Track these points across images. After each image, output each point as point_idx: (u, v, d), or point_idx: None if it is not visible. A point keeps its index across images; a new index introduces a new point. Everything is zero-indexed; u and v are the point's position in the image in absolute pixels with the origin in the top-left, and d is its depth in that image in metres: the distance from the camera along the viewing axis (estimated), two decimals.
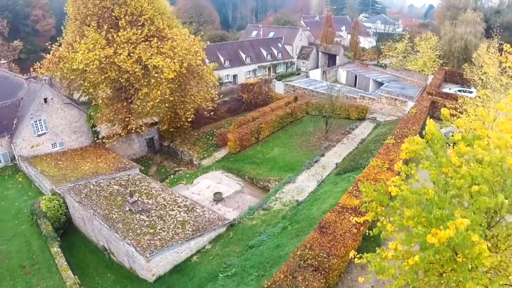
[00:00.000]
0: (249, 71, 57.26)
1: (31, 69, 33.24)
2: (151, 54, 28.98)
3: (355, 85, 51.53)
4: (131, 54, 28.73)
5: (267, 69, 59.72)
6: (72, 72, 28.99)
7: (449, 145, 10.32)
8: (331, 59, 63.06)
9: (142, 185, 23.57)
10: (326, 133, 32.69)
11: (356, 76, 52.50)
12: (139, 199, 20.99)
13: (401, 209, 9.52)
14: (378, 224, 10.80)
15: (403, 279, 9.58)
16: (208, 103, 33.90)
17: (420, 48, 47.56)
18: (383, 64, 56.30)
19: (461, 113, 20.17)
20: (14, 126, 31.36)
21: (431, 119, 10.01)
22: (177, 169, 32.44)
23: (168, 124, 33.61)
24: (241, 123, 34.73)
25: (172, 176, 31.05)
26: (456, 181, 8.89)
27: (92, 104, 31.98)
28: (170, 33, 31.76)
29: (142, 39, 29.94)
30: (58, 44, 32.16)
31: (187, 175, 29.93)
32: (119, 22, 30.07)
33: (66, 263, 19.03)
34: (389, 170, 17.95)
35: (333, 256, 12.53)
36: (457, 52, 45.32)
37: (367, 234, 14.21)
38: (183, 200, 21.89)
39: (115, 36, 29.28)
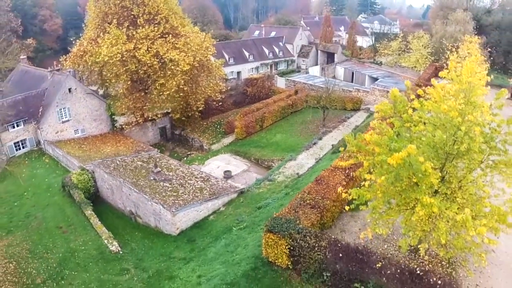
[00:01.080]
0: (252, 68, 61.04)
1: (54, 63, 36.89)
2: (167, 49, 32.70)
3: (352, 81, 55.22)
4: (149, 49, 32.45)
5: (269, 67, 63.47)
6: (96, 64, 32.68)
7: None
8: (330, 57, 66.90)
9: (162, 162, 27.16)
10: (323, 120, 36.36)
11: (353, 73, 56.25)
12: (162, 171, 24.60)
13: (373, 151, 13.15)
14: (359, 169, 14.46)
15: (378, 203, 13.19)
16: (217, 94, 37.60)
17: (413, 46, 51.34)
18: (378, 62, 60.10)
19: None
20: (40, 113, 35.01)
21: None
22: (189, 153, 36.06)
23: (180, 113, 37.26)
24: (246, 113, 38.36)
25: (185, 158, 34.66)
26: (413, 128, 12.56)
27: (112, 94, 35.65)
28: (183, 30, 35.50)
29: (159, 35, 33.66)
30: (80, 40, 35.91)
31: (199, 158, 33.56)
32: (138, 21, 33.82)
33: (100, 222, 22.62)
34: None
35: (326, 198, 16.14)
36: (447, 49, 48.98)
37: (350, 175, 17.87)
38: (199, 173, 25.53)
39: (134, 33, 33.03)
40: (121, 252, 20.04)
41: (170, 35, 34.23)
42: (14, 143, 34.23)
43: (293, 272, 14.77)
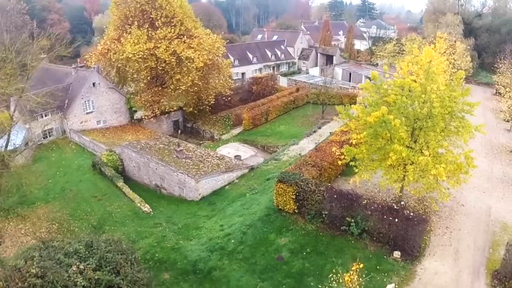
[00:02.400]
0: (256, 69, 65.77)
1: (78, 60, 41.55)
2: (183, 48, 37.39)
3: (349, 81, 60.06)
4: (167, 48, 37.13)
5: (271, 68, 68.28)
6: (119, 61, 37.32)
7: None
8: (329, 59, 71.85)
9: (181, 145, 31.54)
10: (322, 113, 40.96)
11: (350, 73, 61.07)
12: (183, 150, 29.01)
13: (358, 118, 17.65)
14: (349, 135, 18.96)
15: (363, 156, 17.64)
16: (226, 90, 42.30)
17: (406, 48, 56.23)
18: (375, 63, 65.08)
19: None
20: (65, 105, 39.46)
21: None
22: (201, 142, 40.44)
23: (193, 107, 41.84)
24: (253, 107, 42.93)
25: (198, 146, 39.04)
26: (387, 99, 17.10)
27: (131, 91, 40.26)
28: (196, 32, 40.25)
29: (175, 36, 38.33)
30: (103, 39, 40.65)
31: (211, 146, 37.95)
32: (156, 23, 38.55)
33: (131, 191, 26.90)
34: None
35: (324, 161, 20.59)
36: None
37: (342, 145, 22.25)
38: (214, 154, 29.96)
39: (153, 34, 37.76)
40: (152, 213, 24.34)
41: (185, 36, 38.93)
42: (42, 131, 38.55)
43: (298, 215, 19.17)
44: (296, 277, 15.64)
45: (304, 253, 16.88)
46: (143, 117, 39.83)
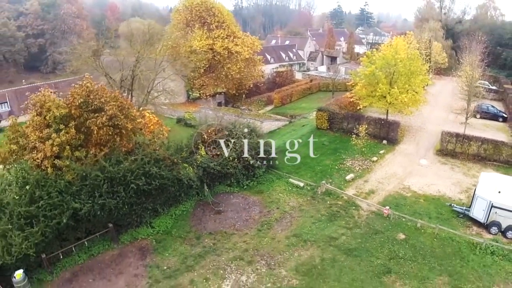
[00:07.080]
0: (273, 68, 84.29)
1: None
2: (232, 45, 55.60)
3: None
4: (222, 44, 55.25)
5: (285, 67, 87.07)
6: (186, 52, 55.20)
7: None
8: (333, 60, 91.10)
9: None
10: (332, 95, 59.15)
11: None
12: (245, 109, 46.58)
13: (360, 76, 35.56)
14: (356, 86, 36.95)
15: (362, 94, 35.58)
16: (261, 78, 60.53)
17: None
18: None
19: None
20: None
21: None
22: None
23: (235, 90, 59.73)
24: (279, 91, 61.03)
25: None
26: (375, 65, 35.20)
27: (191, 75, 58.06)
28: (239, 34, 58.65)
29: (225, 36, 56.60)
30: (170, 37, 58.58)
31: None
32: (211, 26, 56.87)
33: None
34: None
35: (341, 103, 38.52)
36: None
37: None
38: (263, 114, 47.63)
39: (210, 34, 55.97)
40: None
41: (232, 36, 57.23)
42: None
43: (329, 130, 36.78)
44: (333, 150, 33.20)
45: (336, 142, 34.53)
46: (201, 94, 57.55)
